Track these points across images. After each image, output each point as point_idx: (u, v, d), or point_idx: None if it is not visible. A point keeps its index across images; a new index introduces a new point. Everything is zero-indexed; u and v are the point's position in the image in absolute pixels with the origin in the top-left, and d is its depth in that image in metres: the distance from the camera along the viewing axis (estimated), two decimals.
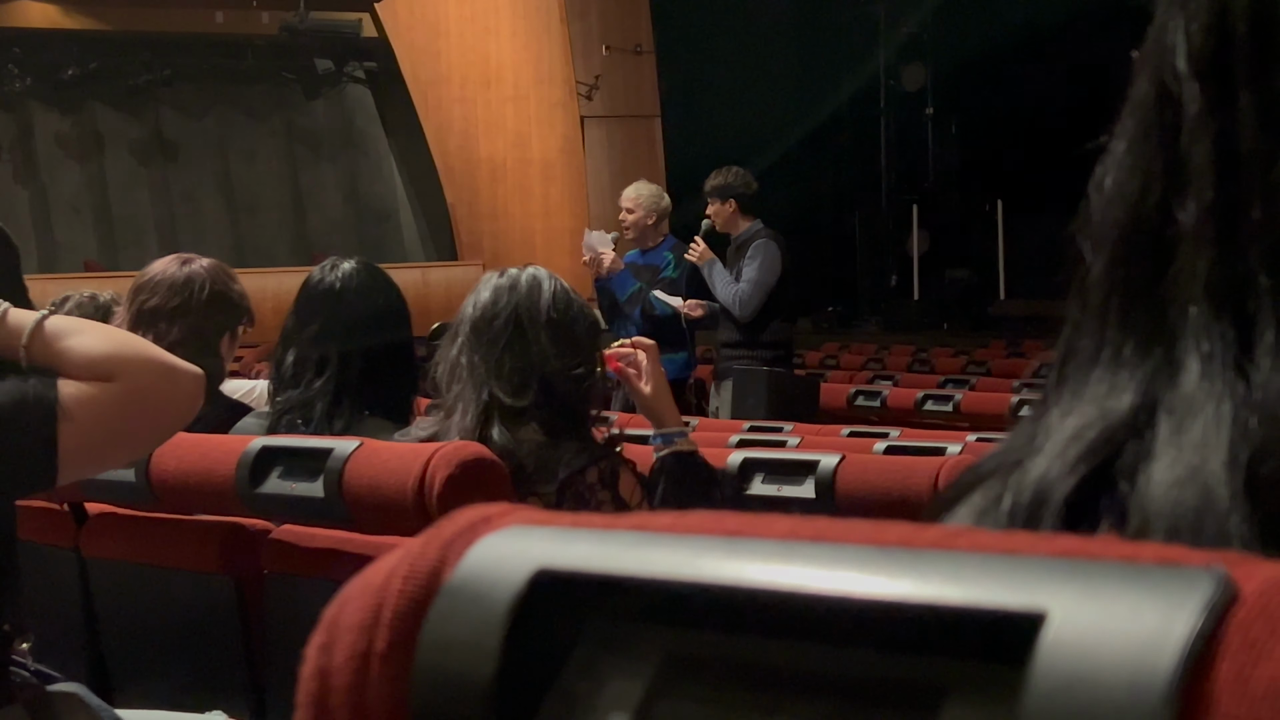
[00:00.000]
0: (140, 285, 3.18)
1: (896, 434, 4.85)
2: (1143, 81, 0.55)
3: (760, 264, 6.42)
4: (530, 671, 0.41)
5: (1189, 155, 0.52)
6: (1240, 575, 0.36)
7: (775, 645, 0.39)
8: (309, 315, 3.04)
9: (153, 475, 2.59)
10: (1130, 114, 0.56)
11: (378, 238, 16.62)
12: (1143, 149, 0.54)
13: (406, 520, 2.20)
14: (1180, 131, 0.53)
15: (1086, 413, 0.52)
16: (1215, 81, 0.52)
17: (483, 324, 2.52)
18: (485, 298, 2.55)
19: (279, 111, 16.41)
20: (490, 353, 2.49)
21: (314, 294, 3.08)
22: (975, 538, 0.41)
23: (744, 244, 6.52)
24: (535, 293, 2.54)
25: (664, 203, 6.79)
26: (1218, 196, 0.51)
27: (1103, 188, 0.56)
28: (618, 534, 0.43)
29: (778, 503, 3.00)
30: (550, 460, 2.42)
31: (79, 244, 15.44)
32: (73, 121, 15.57)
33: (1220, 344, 0.50)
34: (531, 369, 2.48)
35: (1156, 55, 0.55)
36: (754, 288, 6.41)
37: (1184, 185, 0.52)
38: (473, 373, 2.49)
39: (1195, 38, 0.53)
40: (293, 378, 2.98)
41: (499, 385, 2.46)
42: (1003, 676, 0.36)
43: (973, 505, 0.54)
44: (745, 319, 6.43)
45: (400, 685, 0.43)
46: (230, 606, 2.59)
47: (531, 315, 2.51)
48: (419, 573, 0.44)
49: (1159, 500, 0.48)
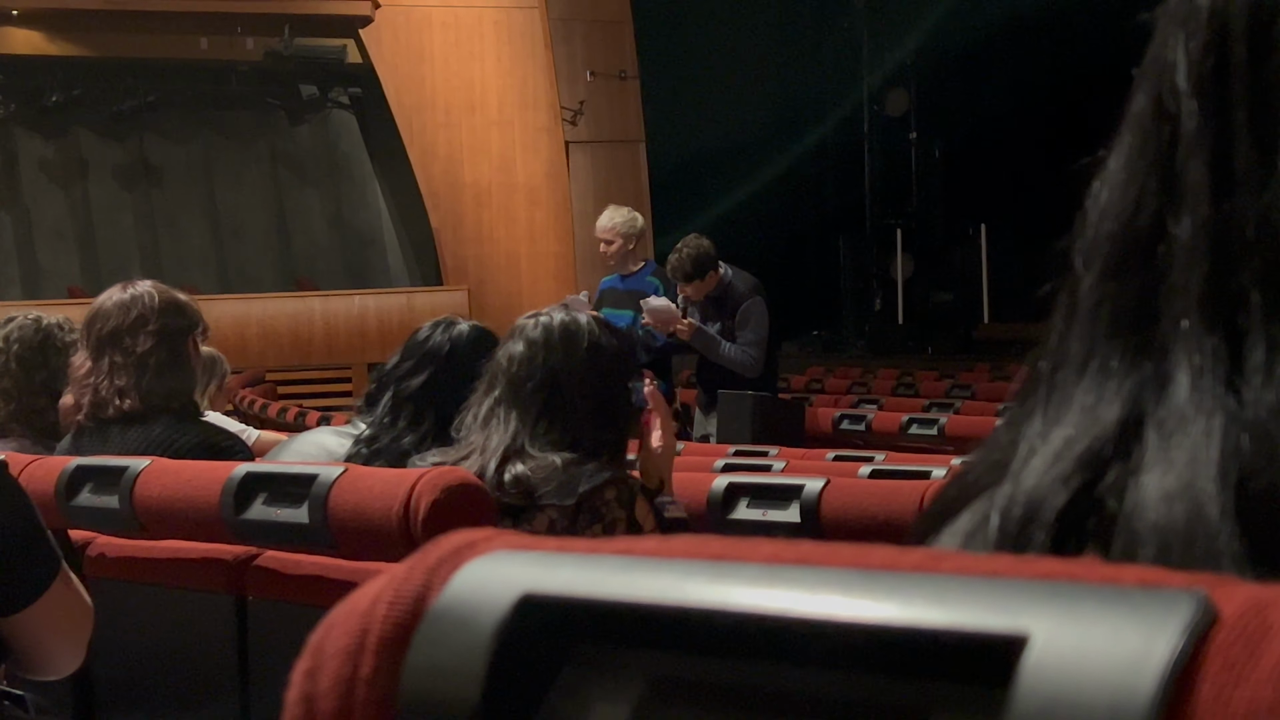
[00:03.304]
0: (92, 317, 3.18)
1: (882, 458, 4.85)
2: (1141, 97, 0.56)
3: (754, 324, 6.46)
4: (516, 696, 0.41)
5: (1185, 171, 0.52)
6: (1220, 597, 0.36)
7: (760, 668, 0.40)
8: (416, 366, 3.08)
9: (137, 502, 2.58)
10: (1127, 128, 0.56)
11: (362, 263, 16.62)
12: (1139, 163, 0.54)
13: (391, 546, 2.20)
14: (1177, 147, 0.53)
15: (1074, 425, 0.52)
16: (1213, 99, 0.52)
17: (518, 383, 2.52)
18: (519, 352, 2.55)
19: (263, 137, 16.42)
20: (526, 415, 2.50)
21: (426, 347, 3.12)
22: (958, 560, 0.41)
23: (725, 299, 6.50)
24: (573, 351, 2.54)
25: (639, 225, 6.78)
26: (1212, 213, 0.51)
27: (1098, 201, 0.56)
28: (603, 558, 0.43)
29: (763, 527, 3.00)
30: (572, 477, 2.44)
31: (63, 269, 15.41)
32: (57, 147, 15.55)
33: (1211, 359, 0.50)
34: (567, 428, 2.50)
35: (1155, 71, 0.55)
36: (758, 349, 6.47)
37: (1179, 200, 0.52)
38: (506, 426, 2.50)
39: (1194, 55, 0.53)
40: (389, 422, 3.03)
41: (531, 442, 2.48)
42: (986, 698, 0.36)
43: (960, 525, 0.54)
44: (757, 374, 6.48)
45: (386, 711, 0.43)
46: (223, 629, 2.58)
47: (569, 379, 2.52)
48: (404, 598, 0.44)
49: (1149, 515, 0.48)
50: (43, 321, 3.60)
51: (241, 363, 11.00)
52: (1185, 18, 0.54)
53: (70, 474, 2.73)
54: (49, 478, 2.73)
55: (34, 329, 3.55)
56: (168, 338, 3.16)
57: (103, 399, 3.11)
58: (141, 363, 3.12)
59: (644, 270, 6.73)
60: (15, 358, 3.49)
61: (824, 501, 2.90)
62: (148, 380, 3.11)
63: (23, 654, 2.05)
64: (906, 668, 0.38)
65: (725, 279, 6.50)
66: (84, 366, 3.16)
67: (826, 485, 2.92)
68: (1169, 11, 0.55)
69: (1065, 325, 0.55)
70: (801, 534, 2.90)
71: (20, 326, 3.56)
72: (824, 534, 2.87)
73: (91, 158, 15.75)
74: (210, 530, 2.52)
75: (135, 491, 2.59)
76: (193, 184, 16.13)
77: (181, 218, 16.09)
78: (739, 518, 3.07)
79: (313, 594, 2.43)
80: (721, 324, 6.47)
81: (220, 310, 12.30)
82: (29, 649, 2.04)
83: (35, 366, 3.51)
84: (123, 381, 3.11)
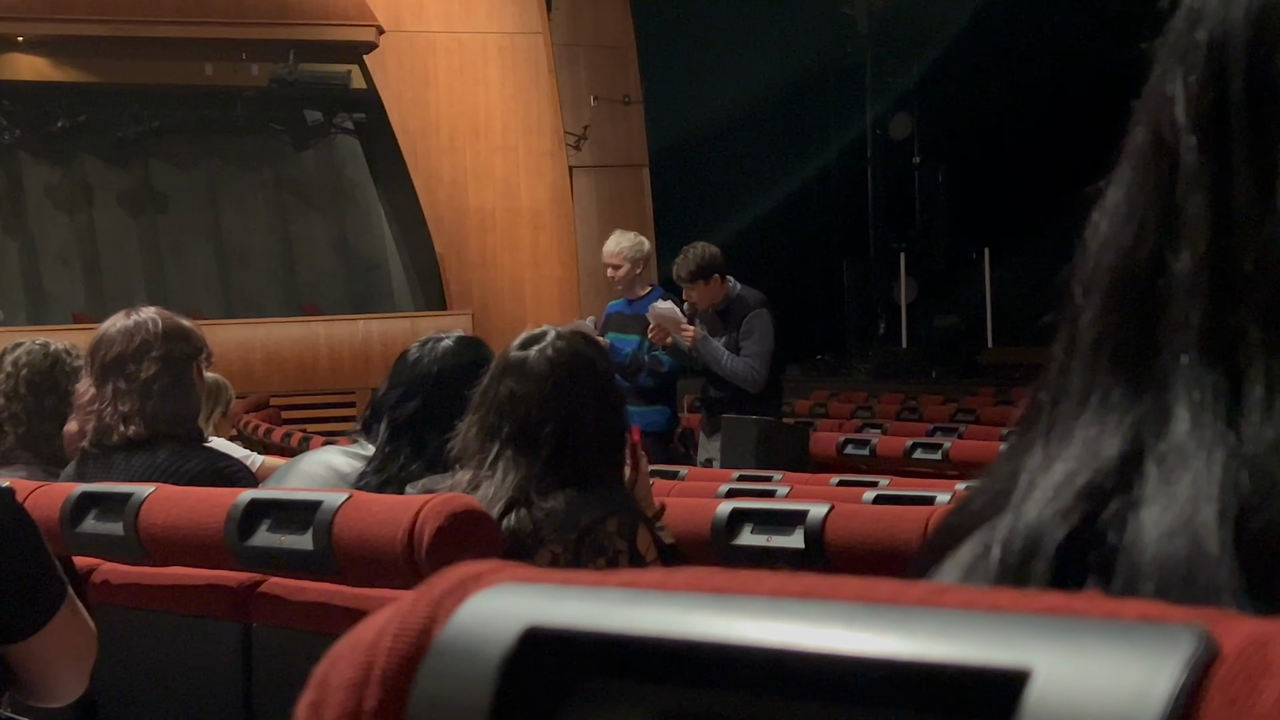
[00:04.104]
0: (96, 344, 3.19)
1: (886, 483, 4.84)
2: (1140, 129, 0.55)
3: (758, 337, 6.44)
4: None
5: (1184, 206, 0.52)
6: (1221, 632, 0.36)
7: (765, 702, 0.40)
8: (407, 393, 3.04)
9: (141, 528, 2.58)
10: (1127, 161, 0.56)
11: (367, 288, 16.63)
12: (1138, 197, 0.54)
13: (396, 573, 2.19)
14: (1176, 181, 0.53)
15: (1075, 457, 0.52)
16: (1212, 134, 0.52)
17: (529, 426, 2.45)
18: (527, 391, 2.47)
19: (268, 162, 16.44)
20: (535, 459, 2.44)
21: (415, 371, 3.07)
22: (961, 594, 0.41)
23: (730, 311, 6.50)
24: (583, 386, 2.49)
25: (645, 249, 6.80)
26: (1211, 248, 0.51)
27: (1098, 233, 0.56)
28: (608, 591, 0.43)
29: (766, 553, 2.99)
30: (573, 513, 2.41)
31: (68, 295, 15.42)
32: (62, 173, 15.58)
33: (1211, 395, 0.50)
34: (576, 466, 2.46)
35: (1155, 104, 0.55)
36: (761, 361, 6.43)
37: (1178, 235, 0.52)
38: (514, 472, 2.44)
39: (1193, 90, 0.53)
40: (391, 451, 3.00)
41: (537, 489, 2.42)
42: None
43: (961, 557, 0.54)
44: (759, 388, 6.44)
45: None
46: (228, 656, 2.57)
47: (584, 418, 2.47)
48: (409, 630, 0.44)
49: (1150, 551, 0.48)
50: (50, 347, 3.60)
51: (246, 388, 11.00)
52: (1185, 52, 0.54)
53: (75, 500, 2.73)
54: (53, 504, 2.73)
55: (42, 354, 3.56)
56: (172, 364, 3.16)
57: (107, 425, 3.11)
58: (145, 389, 3.12)
59: (651, 295, 6.72)
60: (25, 382, 3.50)
61: (828, 527, 2.89)
62: (152, 406, 3.12)
63: (27, 680, 2.05)
64: (910, 702, 0.38)
65: (733, 292, 6.51)
66: (88, 393, 3.16)
67: (830, 511, 2.92)
68: (1169, 44, 0.55)
69: (1066, 357, 0.55)
70: (805, 560, 2.90)
71: (29, 351, 3.56)
72: (828, 560, 2.86)
73: (96, 183, 15.78)
74: (214, 557, 2.52)
75: (140, 518, 2.59)
76: (197, 209, 16.15)
77: (186, 243, 16.11)
78: (742, 543, 3.07)
79: (317, 621, 2.42)
80: (727, 337, 6.47)
81: (225, 335, 12.31)
82: (34, 676, 2.04)
83: (44, 391, 3.51)
84: (127, 408, 3.11)
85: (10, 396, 3.49)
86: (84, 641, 2.09)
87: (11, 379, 3.50)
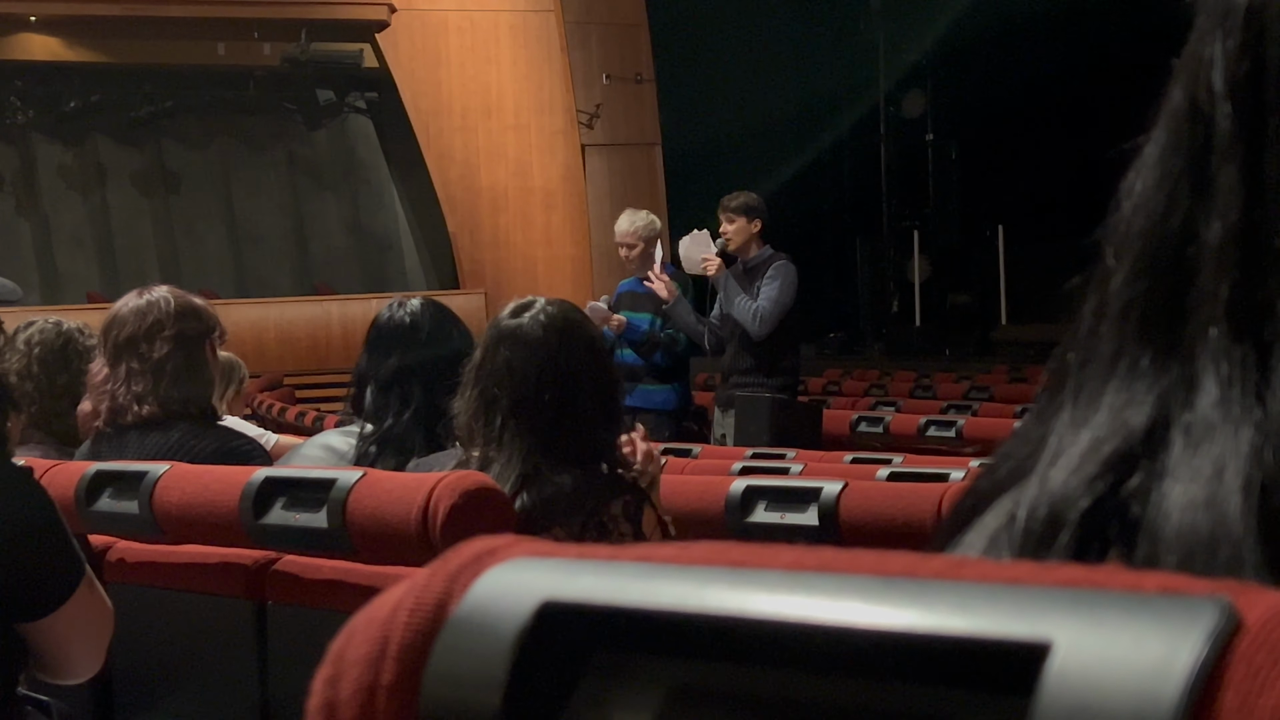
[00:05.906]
0: (109, 324, 3.19)
1: (899, 460, 4.84)
2: (1178, 91, 0.54)
3: (780, 285, 6.40)
4: (537, 703, 0.41)
5: (1217, 175, 0.51)
6: (1243, 604, 0.36)
7: (781, 676, 0.39)
8: (383, 352, 3.09)
9: (156, 507, 2.59)
10: (1163, 122, 0.55)
11: (379, 267, 16.66)
12: (1172, 161, 0.53)
13: (410, 550, 2.20)
14: (1210, 150, 0.52)
15: (1102, 425, 0.52)
16: (1247, 103, 0.51)
17: (529, 394, 2.45)
18: (522, 358, 2.46)
19: (280, 142, 16.46)
20: (538, 429, 2.43)
21: (386, 331, 3.12)
22: (980, 567, 0.41)
23: (757, 266, 6.49)
24: (576, 347, 2.49)
25: (656, 227, 6.83)
26: (1242, 220, 0.50)
27: (1132, 192, 0.55)
28: (623, 565, 0.43)
29: (780, 530, 3.00)
30: (579, 494, 2.41)
31: (82, 275, 15.47)
32: (75, 153, 15.62)
33: (1239, 369, 0.49)
34: (581, 436, 2.45)
35: (1192, 66, 0.54)
36: (774, 306, 6.38)
37: (1210, 204, 0.51)
38: (520, 446, 2.43)
39: (1230, 55, 0.52)
40: (377, 413, 3.03)
41: (545, 460, 2.42)
42: (1008, 706, 0.36)
43: (987, 524, 0.54)
44: (760, 336, 6.37)
45: (407, 718, 0.43)
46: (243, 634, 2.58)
47: (582, 380, 2.47)
48: (425, 605, 0.44)
49: (1173, 523, 0.48)
50: (63, 325, 3.61)
51: (259, 367, 11.03)
52: (1224, 14, 0.53)
53: (90, 479, 2.74)
54: (69, 483, 2.74)
55: (55, 333, 3.57)
56: (185, 343, 3.17)
57: (121, 405, 3.12)
58: (159, 368, 3.12)
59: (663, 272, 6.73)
60: (37, 360, 3.51)
61: (842, 504, 2.89)
62: (165, 386, 3.12)
63: (45, 658, 2.05)
64: (928, 675, 0.37)
65: (765, 251, 6.52)
66: (102, 373, 3.17)
67: (845, 488, 2.91)
68: (1207, 4, 0.54)
69: (1095, 320, 0.55)
70: (819, 537, 2.90)
71: (41, 330, 3.57)
72: (842, 537, 2.86)
73: (109, 164, 15.82)
74: (229, 535, 2.52)
75: (155, 496, 2.60)
76: (210, 189, 16.18)
77: (199, 223, 16.15)
78: (756, 520, 3.07)
79: (332, 598, 2.43)
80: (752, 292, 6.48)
81: (238, 315, 12.34)
82: (52, 653, 2.05)
83: (57, 370, 3.52)
84: (140, 387, 3.11)
85: (23, 375, 3.50)
86: (101, 619, 2.10)
87: (24, 357, 3.51)
